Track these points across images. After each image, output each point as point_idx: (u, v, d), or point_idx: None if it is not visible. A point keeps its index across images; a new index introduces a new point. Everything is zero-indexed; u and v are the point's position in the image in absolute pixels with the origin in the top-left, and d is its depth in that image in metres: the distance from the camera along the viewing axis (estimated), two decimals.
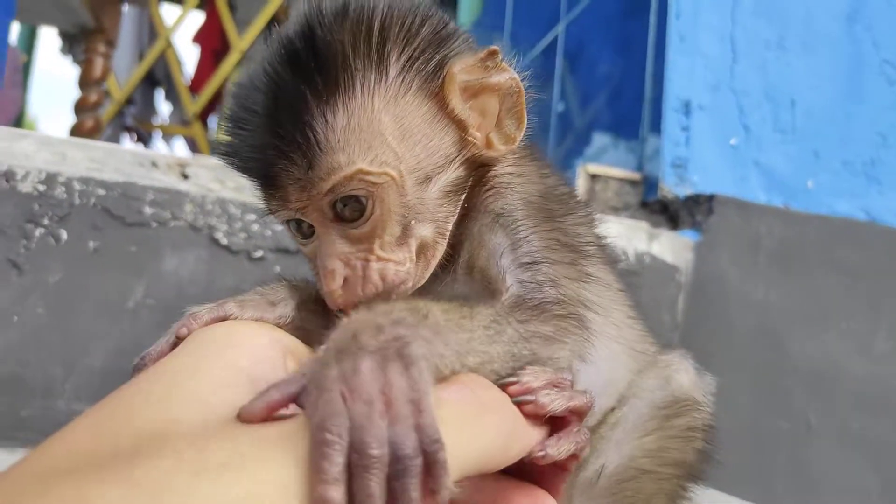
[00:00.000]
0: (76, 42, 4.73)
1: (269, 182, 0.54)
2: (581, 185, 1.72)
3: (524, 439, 0.46)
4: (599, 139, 2.04)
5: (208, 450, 0.32)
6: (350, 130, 0.51)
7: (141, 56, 5.14)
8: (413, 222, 0.54)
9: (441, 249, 0.56)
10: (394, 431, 0.34)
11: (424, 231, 0.55)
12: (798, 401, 1.57)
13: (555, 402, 0.47)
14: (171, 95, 5.36)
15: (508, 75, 0.56)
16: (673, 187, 1.66)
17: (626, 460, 0.60)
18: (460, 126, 0.55)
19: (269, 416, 0.36)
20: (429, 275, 0.56)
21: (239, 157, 0.55)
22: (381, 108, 0.52)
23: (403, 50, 0.53)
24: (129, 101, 4.97)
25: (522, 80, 0.56)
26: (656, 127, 1.72)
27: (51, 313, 1.11)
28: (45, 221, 1.16)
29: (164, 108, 5.66)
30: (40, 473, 0.33)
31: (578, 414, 0.49)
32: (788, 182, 1.70)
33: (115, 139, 4.91)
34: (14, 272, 1.13)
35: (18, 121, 4.77)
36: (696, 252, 1.57)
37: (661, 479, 0.61)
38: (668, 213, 1.67)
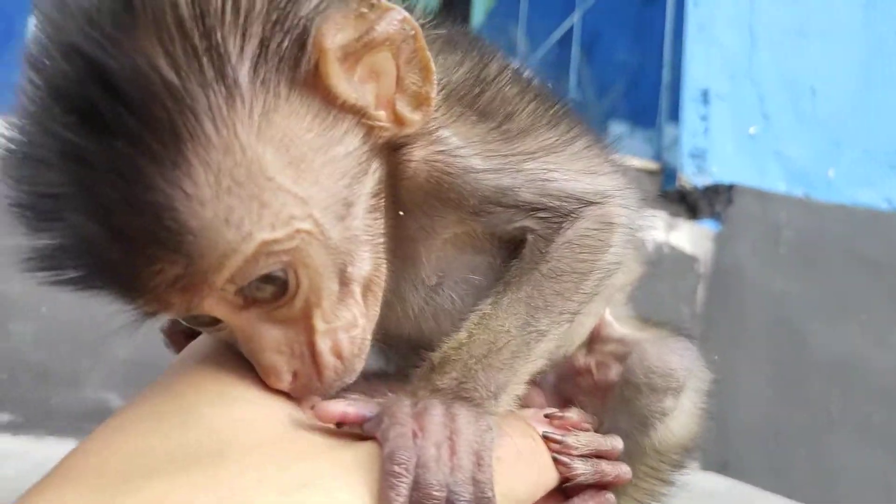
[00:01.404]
0: None
1: (129, 291, 0.38)
2: None
3: (548, 484, 0.47)
4: (616, 129, 2.02)
5: (291, 469, 0.35)
6: (226, 192, 0.35)
7: None
8: (348, 267, 0.42)
9: (384, 272, 0.45)
10: (454, 479, 0.37)
11: (363, 267, 0.43)
12: (818, 393, 1.56)
13: (585, 472, 0.47)
14: None
15: (395, 17, 0.40)
16: (691, 177, 1.65)
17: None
18: (357, 112, 0.40)
19: (336, 423, 0.39)
20: (379, 308, 0.46)
21: (58, 262, 0.38)
22: (252, 142, 0.36)
23: (243, 37, 0.36)
24: None
25: (415, 19, 0.42)
26: (674, 116, 1.71)
27: (77, 304, 1.12)
28: None
29: None
30: (121, 472, 0.34)
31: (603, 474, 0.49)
32: (809, 171, 1.68)
33: None
34: None
35: None
36: (715, 242, 1.56)
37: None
38: (686, 203, 1.66)
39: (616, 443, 0.51)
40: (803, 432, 1.54)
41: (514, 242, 0.50)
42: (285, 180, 0.37)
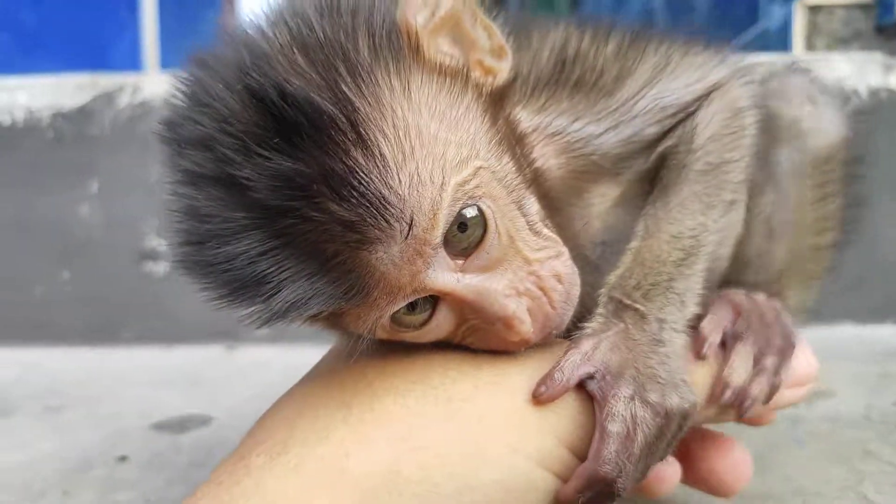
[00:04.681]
0: None
1: (364, 290, 0.41)
2: (799, 22, 1.55)
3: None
4: None
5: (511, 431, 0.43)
6: (410, 157, 0.40)
7: None
8: (523, 202, 0.46)
9: (543, 213, 0.48)
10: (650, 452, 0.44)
11: (533, 203, 0.47)
12: None
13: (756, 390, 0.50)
14: None
15: None
16: None
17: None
18: (458, 73, 0.46)
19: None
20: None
21: (307, 298, 0.41)
22: (407, 114, 0.42)
23: (362, 44, 0.42)
24: None
25: None
26: None
27: None
28: None
29: None
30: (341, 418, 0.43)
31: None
32: None
33: None
34: None
35: None
36: None
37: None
38: None
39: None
40: None
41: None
42: (446, 133, 0.43)
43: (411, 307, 0.44)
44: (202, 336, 1.43)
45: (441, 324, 0.45)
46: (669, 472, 0.57)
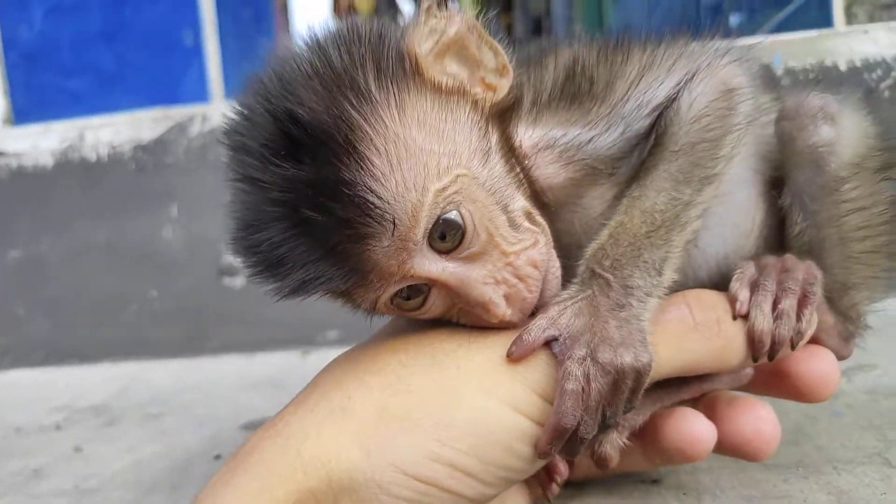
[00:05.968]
0: None
1: (360, 274, 0.50)
2: None
3: (740, 357, 0.55)
4: None
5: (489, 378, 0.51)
6: (398, 166, 0.48)
7: None
8: (506, 201, 0.53)
9: (536, 212, 0.55)
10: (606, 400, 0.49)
11: (518, 202, 0.54)
12: None
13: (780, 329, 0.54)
14: None
15: (458, 19, 0.54)
16: None
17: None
18: (459, 91, 0.53)
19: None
20: (549, 229, 0.56)
21: (314, 279, 0.49)
22: (399, 128, 0.49)
23: (364, 69, 0.50)
24: (375, 9, 5.28)
25: (470, 15, 0.55)
26: None
27: None
28: None
29: (406, 8, 5.89)
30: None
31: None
32: None
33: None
34: None
35: None
36: None
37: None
38: None
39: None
40: None
41: None
42: (433, 145, 0.50)
43: (408, 296, 0.53)
44: (280, 343, 1.55)
45: (435, 305, 0.54)
46: (705, 431, 0.59)
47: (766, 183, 0.64)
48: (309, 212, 0.47)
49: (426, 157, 0.50)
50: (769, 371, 0.62)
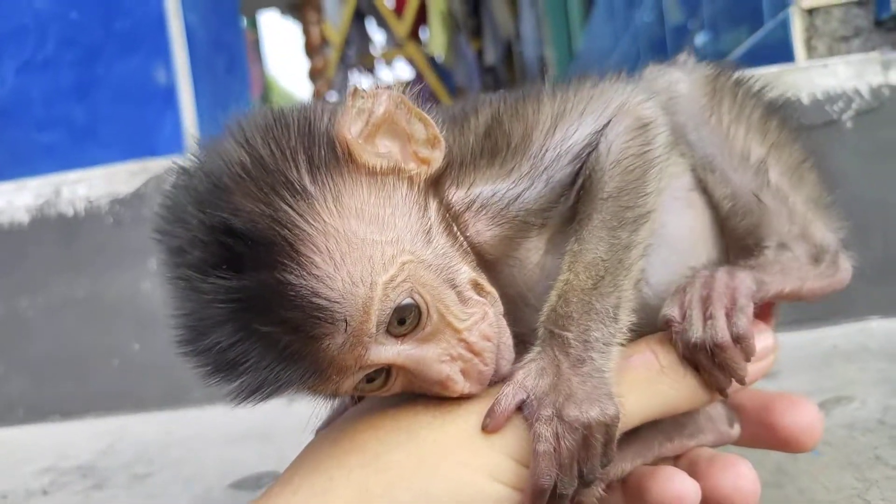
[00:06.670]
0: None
1: (317, 372, 0.49)
2: (798, 27, 1.59)
3: (706, 397, 0.57)
4: None
5: (456, 454, 0.51)
6: (341, 263, 0.48)
7: None
8: (453, 276, 0.53)
9: (483, 277, 0.56)
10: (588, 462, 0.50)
11: (464, 274, 0.54)
12: None
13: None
14: (381, 22, 5.65)
15: (385, 98, 0.53)
16: None
17: None
18: (394, 170, 0.53)
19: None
20: (498, 298, 0.57)
21: (271, 383, 0.49)
22: (338, 222, 0.49)
23: (296, 165, 0.50)
24: (346, 41, 5.36)
25: (396, 91, 0.54)
26: None
27: None
28: None
29: (377, 37, 5.97)
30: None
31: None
32: None
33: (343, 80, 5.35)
34: None
35: (266, 89, 5.40)
36: None
37: None
38: None
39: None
40: None
41: None
42: (375, 235, 0.50)
43: (369, 379, 0.53)
44: None
45: (398, 383, 0.55)
46: (689, 489, 0.58)
47: (687, 188, 0.66)
48: (255, 321, 0.47)
49: (369, 249, 0.49)
50: (756, 424, 0.64)
